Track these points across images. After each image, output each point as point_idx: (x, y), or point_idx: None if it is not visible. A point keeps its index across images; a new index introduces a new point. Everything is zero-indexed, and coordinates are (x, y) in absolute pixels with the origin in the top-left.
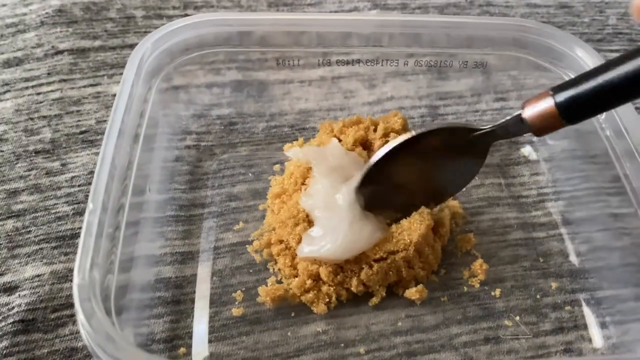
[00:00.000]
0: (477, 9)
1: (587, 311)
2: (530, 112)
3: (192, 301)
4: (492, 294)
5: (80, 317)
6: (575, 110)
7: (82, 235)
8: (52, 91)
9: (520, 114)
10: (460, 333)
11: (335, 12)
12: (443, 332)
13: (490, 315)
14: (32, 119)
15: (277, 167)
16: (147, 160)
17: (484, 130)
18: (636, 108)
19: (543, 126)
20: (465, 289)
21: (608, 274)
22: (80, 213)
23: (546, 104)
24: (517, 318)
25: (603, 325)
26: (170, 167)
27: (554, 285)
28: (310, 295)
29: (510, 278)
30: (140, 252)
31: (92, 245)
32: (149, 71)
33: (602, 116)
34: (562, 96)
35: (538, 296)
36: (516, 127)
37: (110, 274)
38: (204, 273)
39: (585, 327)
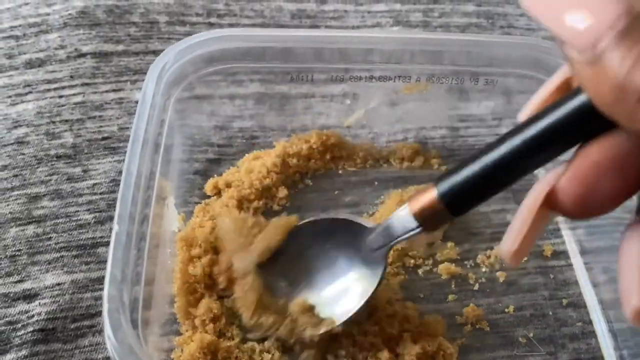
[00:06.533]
0: (499, 30)
1: (604, 343)
2: (414, 205)
3: None
4: (512, 322)
5: (107, 329)
6: (457, 199)
7: (111, 244)
8: (74, 95)
9: (405, 209)
10: None
11: (358, 26)
12: None
13: (509, 344)
14: (53, 122)
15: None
16: (167, 171)
17: (367, 226)
18: None
19: (429, 220)
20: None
21: None
22: (102, 222)
23: (430, 195)
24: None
25: (621, 358)
26: (191, 179)
27: (572, 315)
28: None
29: (529, 307)
30: (162, 265)
31: (120, 256)
32: (170, 81)
33: None
34: (444, 185)
35: (556, 326)
36: (404, 224)
37: (137, 286)
38: None
39: (602, 359)
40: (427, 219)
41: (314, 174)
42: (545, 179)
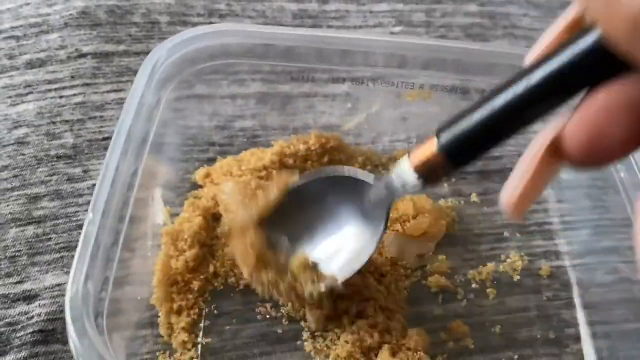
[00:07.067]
0: (501, 30)
1: (611, 344)
2: (415, 158)
3: None
4: (515, 322)
5: (72, 335)
6: (458, 151)
7: (79, 246)
8: (74, 95)
9: (406, 163)
10: None
11: (360, 27)
12: None
13: (512, 345)
14: (54, 122)
15: None
16: (156, 167)
17: (369, 182)
18: None
19: (431, 173)
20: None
21: (634, 306)
22: None
23: (430, 147)
24: (540, 350)
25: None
26: (189, 178)
27: (577, 316)
28: None
29: (533, 308)
30: (136, 268)
31: (88, 258)
32: (162, 78)
33: None
34: (446, 135)
35: (560, 327)
36: (406, 179)
37: (104, 290)
38: None
39: None
40: (428, 172)
41: None
42: (551, 124)
